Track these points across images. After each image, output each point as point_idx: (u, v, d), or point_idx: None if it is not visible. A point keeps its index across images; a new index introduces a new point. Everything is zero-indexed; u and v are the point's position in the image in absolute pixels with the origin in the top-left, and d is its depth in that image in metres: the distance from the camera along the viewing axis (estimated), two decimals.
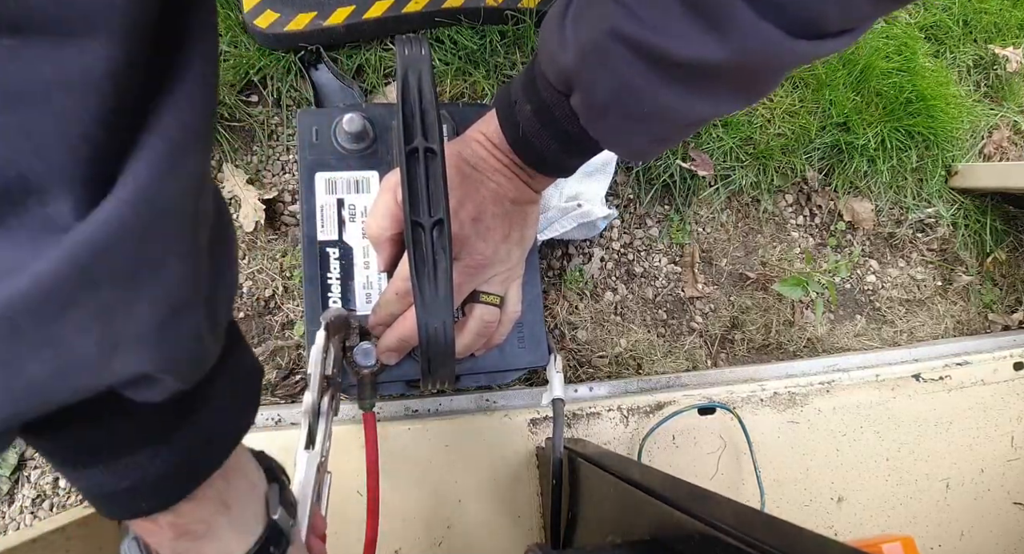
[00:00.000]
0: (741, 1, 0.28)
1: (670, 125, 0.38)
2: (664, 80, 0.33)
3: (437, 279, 0.39)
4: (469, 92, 0.68)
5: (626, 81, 0.34)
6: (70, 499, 0.59)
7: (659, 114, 0.36)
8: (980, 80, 0.90)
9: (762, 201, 0.76)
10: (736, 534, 0.26)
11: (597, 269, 0.70)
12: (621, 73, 0.34)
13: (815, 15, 0.29)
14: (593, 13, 0.34)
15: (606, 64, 0.34)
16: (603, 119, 0.39)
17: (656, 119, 0.36)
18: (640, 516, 0.35)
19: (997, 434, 0.70)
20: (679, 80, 0.33)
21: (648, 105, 0.35)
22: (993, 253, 0.83)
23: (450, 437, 0.57)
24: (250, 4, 0.61)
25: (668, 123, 0.37)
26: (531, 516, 0.57)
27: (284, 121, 0.66)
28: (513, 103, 0.43)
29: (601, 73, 0.35)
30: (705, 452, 0.61)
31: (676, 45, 0.31)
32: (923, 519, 0.67)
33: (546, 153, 0.44)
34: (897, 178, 0.80)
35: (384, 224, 0.46)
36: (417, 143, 0.39)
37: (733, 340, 0.73)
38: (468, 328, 0.48)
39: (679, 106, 0.35)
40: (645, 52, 0.32)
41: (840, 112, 0.77)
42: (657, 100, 0.35)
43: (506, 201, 0.47)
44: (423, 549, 0.55)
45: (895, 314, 0.79)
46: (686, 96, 0.34)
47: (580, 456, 0.47)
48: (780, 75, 0.35)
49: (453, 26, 0.66)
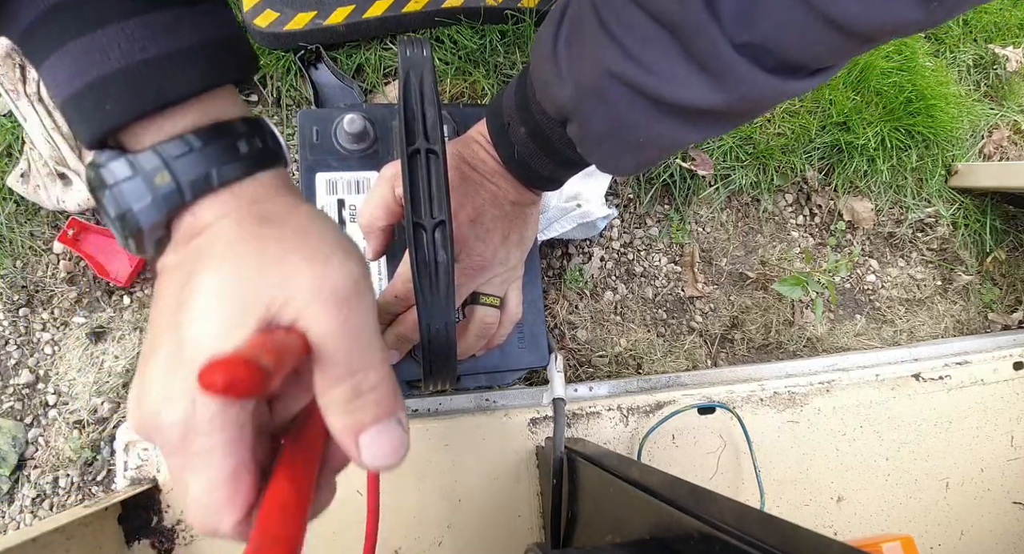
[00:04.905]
0: (733, 51, 0.29)
1: (662, 150, 0.39)
2: (661, 116, 0.34)
3: (439, 280, 0.39)
4: (469, 92, 0.68)
5: (624, 116, 0.35)
6: (70, 499, 0.59)
7: (653, 142, 0.37)
8: (980, 80, 0.90)
9: (762, 201, 0.76)
10: (736, 534, 0.26)
11: (597, 269, 0.70)
12: (619, 109, 0.35)
13: (805, 58, 0.30)
14: (587, 48, 0.34)
15: (604, 101, 0.35)
16: (599, 147, 0.39)
17: (650, 146, 0.37)
18: (640, 515, 0.35)
19: (997, 434, 0.70)
20: (675, 116, 0.34)
21: (643, 135, 0.36)
22: (993, 253, 0.83)
23: (450, 437, 0.57)
24: (249, 3, 0.61)
25: (661, 148, 0.38)
26: (531, 516, 0.58)
27: (284, 121, 0.66)
28: (506, 125, 0.44)
29: (599, 108, 0.35)
30: (705, 452, 0.61)
31: (674, 89, 0.32)
32: (923, 519, 0.67)
33: (542, 171, 0.45)
34: (897, 178, 0.80)
35: (377, 214, 0.46)
36: (419, 144, 0.39)
37: (733, 340, 0.73)
38: (468, 330, 0.49)
39: (673, 136, 0.36)
40: (643, 92, 0.33)
41: (840, 112, 0.77)
42: (652, 131, 0.35)
43: (506, 203, 0.47)
44: (423, 549, 0.55)
45: (895, 314, 0.79)
46: (681, 128, 0.35)
47: (580, 456, 0.47)
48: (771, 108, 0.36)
49: (453, 26, 0.66)
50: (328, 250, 0.25)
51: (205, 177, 0.25)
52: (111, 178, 0.24)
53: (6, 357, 0.61)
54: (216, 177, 0.25)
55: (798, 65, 0.30)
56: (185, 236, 0.25)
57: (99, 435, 0.60)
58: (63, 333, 0.62)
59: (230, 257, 0.24)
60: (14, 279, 0.61)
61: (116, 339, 0.62)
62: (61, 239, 0.60)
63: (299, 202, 0.27)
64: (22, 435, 0.60)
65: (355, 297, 0.24)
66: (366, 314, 0.25)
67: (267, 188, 0.27)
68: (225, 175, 0.25)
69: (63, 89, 0.24)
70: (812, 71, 0.31)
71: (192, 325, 0.23)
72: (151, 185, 0.24)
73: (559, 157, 0.43)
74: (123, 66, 0.23)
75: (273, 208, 0.26)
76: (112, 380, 0.61)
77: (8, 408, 0.60)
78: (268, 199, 0.26)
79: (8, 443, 0.59)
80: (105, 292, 0.63)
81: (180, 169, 0.24)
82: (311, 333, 0.23)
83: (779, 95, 0.32)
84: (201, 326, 0.23)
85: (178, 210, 0.25)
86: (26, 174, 0.60)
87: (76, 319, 0.62)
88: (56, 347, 0.62)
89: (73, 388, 0.61)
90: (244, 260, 0.24)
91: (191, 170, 0.24)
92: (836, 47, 0.29)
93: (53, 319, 0.62)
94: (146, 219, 0.24)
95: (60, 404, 0.61)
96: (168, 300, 0.24)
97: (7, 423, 0.59)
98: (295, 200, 0.27)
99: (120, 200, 0.24)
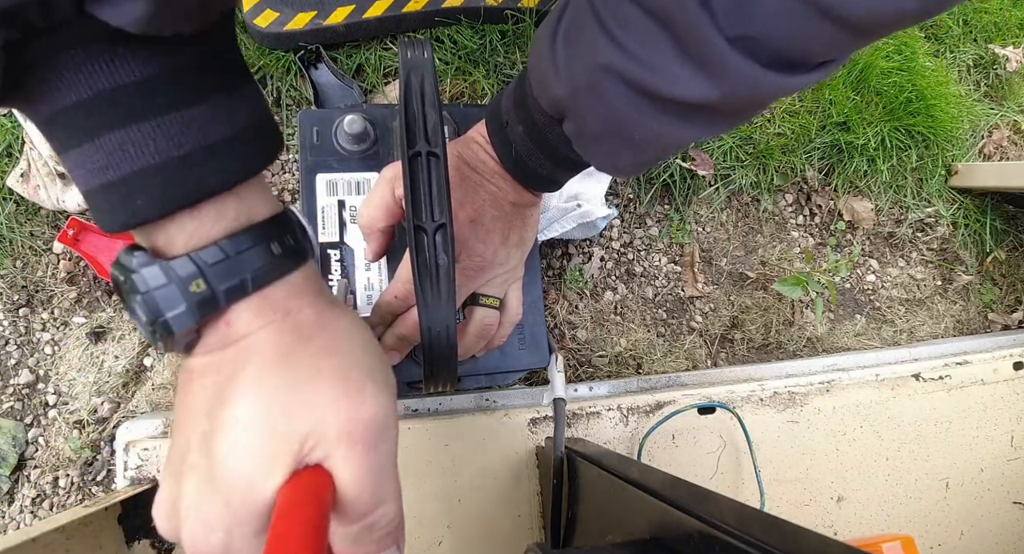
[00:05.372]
0: (727, 45, 0.28)
1: (660, 148, 0.38)
2: (655, 112, 0.34)
3: (439, 282, 0.39)
4: (469, 92, 0.68)
5: (618, 112, 0.35)
6: (70, 499, 0.59)
7: (650, 140, 0.36)
8: (980, 79, 0.90)
9: (762, 201, 0.76)
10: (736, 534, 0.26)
11: (597, 269, 0.70)
12: (613, 105, 0.34)
13: (800, 52, 0.30)
14: (584, 44, 0.34)
15: (599, 96, 0.35)
16: (595, 145, 0.39)
17: (647, 144, 0.37)
18: (640, 516, 0.35)
19: (997, 434, 0.70)
20: (670, 112, 0.34)
21: (639, 133, 0.36)
22: (993, 253, 0.83)
23: (450, 437, 0.57)
24: (249, 3, 0.61)
25: (658, 146, 0.38)
26: (531, 516, 0.58)
27: (284, 121, 0.66)
28: (504, 124, 0.44)
29: (594, 104, 0.35)
30: (705, 452, 0.61)
31: (668, 84, 0.31)
32: (923, 519, 0.67)
33: (540, 171, 0.44)
34: (897, 178, 0.80)
35: (377, 215, 0.46)
36: (420, 147, 0.39)
37: (733, 340, 0.73)
38: (468, 331, 0.49)
39: (670, 133, 0.35)
40: (637, 87, 0.33)
41: (840, 112, 0.77)
42: (648, 128, 0.35)
43: (506, 204, 0.47)
44: (423, 549, 0.55)
45: (895, 313, 0.79)
46: (677, 125, 0.34)
47: (580, 455, 0.47)
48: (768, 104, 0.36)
49: (453, 25, 0.66)
50: (360, 381, 0.25)
51: (240, 285, 0.25)
52: (143, 285, 0.24)
53: (6, 357, 0.61)
54: (251, 284, 0.25)
55: (794, 59, 0.30)
56: (217, 341, 0.25)
57: (99, 435, 0.60)
58: (63, 333, 0.62)
59: (264, 385, 0.24)
60: (14, 279, 0.61)
61: (116, 339, 0.62)
62: (61, 239, 0.60)
63: (328, 307, 0.27)
64: (22, 435, 0.60)
65: (382, 435, 0.25)
66: (389, 450, 0.26)
67: (298, 290, 0.27)
68: (260, 281, 0.25)
69: (91, 179, 0.23)
70: (809, 67, 0.31)
71: (227, 457, 0.23)
72: (186, 293, 0.24)
73: (557, 156, 0.43)
74: (158, 162, 0.23)
75: (304, 320, 0.26)
76: (112, 380, 0.61)
77: (8, 408, 0.60)
78: (299, 308, 0.26)
79: (8, 443, 0.59)
80: (105, 292, 0.63)
81: (215, 277, 0.24)
82: (336, 476, 0.24)
83: (776, 91, 0.31)
84: (236, 460, 0.23)
85: (211, 315, 0.25)
86: (26, 174, 0.60)
87: (76, 319, 0.62)
88: (56, 347, 0.62)
89: (73, 388, 0.61)
90: (277, 393, 0.24)
91: (226, 278, 0.24)
92: (831, 40, 0.29)
93: (53, 319, 0.62)
94: (179, 326, 0.24)
95: (60, 404, 0.61)
96: (198, 406, 0.25)
97: (7, 423, 0.59)
98: (325, 305, 0.27)
99: (152, 307, 0.24)
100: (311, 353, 0.25)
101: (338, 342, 0.26)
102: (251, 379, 0.24)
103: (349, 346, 0.26)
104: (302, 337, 0.25)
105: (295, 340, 0.25)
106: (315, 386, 0.24)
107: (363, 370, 0.26)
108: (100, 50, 0.22)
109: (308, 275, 0.27)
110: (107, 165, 0.23)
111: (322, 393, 0.24)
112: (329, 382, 0.24)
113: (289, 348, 0.25)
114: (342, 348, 0.26)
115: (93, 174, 0.23)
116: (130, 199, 0.23)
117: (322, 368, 0.25)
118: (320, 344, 0.26)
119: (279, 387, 0.24)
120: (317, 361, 0.25)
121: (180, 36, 0.23)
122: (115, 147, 0.23)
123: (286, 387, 0.24)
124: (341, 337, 0.26)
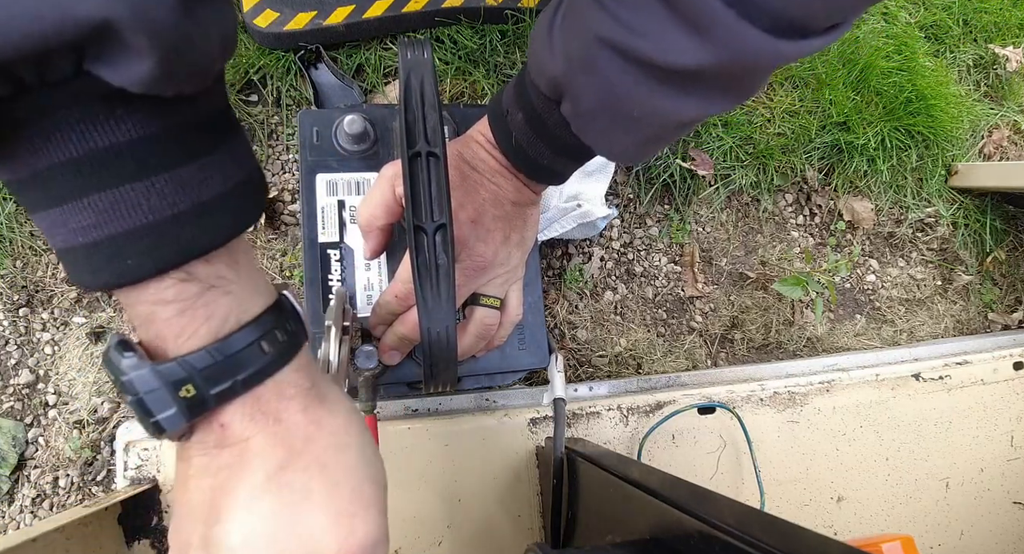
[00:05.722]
0: (721, 4, 0.28)
1: (659, 127, 0.37)
2: (651, 83, 0.33)
3: (439, 283, 0.39)
4: (469, 92, 0.68)
5: (614, 86, 0.34)
6: (70, 499, 0.59)
7: (648, 117, 0.36)
8: (980, 79, 0.90)
9: (762, 201, 0.76)
10: (736, 534, 0.26)
11: (597, 269, 0.70)
12: (608, 78, 0.34)
13: (799, 15, 0.29)
14: (579, 20, 0.34)
15: (594, 70, 0.34)
16: (593, 124, 0.39)
17: (645, 122, 0.36)
18: (640, 516, 0.35)
19: (997, 434, 0.70)
20: (666, 83, 0.33)
21: (637, 109, 0.35)
22: (993, 253, 0.83)
23: (450, 437, 0.57)
24: (249, 3, 0.61)
25: (657, 125, 0.37)
26: (531, 516, 0.58)
27: (284, 120, 0.66)
28: (505, 113, 0.44)
29: (589, 79, 0.35)
30: (705, 452, 0.61)
31: (661, 50, 0.31)
32: (923, 519, 0.67)
33: (540, 160, 0.44)
34: (897, 178, 0.80)
35: (376, 214, 0.46)
36: (420, 147, 0.40)
37: (733, 340, 0.73)
38: (468, 331, 0.49)
39: (667, 108, 0.35)
40: (631, 57, 0.32)
41: (840, 112, 0.77)
42: (645, 103, 0.35)
43: (506, 203, 0.47)
44: (423, 549, 0.55)
45: (895, 313, 0.79)
46: (674, 98, 0.34)
47: (580, 455, 0.47)
48: (768, 74, 0.34)
49: (453, 25, 0.66)
50: (350, 502, 0.26)
51: (231, 388, 0.25)
52: (133, 390, 0.24)
53: (6, 357, 0.61)
54: (242, 386, 0.25)
55: (794, 22, 0.29)
56: (212, 441, 0.26)
57: (99, 435, 0.60)
58: (63, 333, 0.62)
59: (255, 509, 0.25)
60: (14, 279, 0.61)
61: None
62: None
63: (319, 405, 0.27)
64: (22, 435, 0.60)
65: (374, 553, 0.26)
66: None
67: (289, 388, 0.27)
68: (250, 382, 0.25)
69: (73, 238, 0.22)
70: (812, 31, 0.30)
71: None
72: (176, 397, 0.24)
73: (556, 143, 0.42)
74: (150, 222, 0.22)
75: (294, 427, 0.26)
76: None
77: (8, 408, 0.60)
78: (289, 413, 0.26)
79: (8, 443, 0.59)
80: (105, 292, 0.63)
81: (204, 382, 0.24)
82: None
83: (774, 57, 0.30)
84: None
85: (202, 416, 0.25)
86: None
87: (76, 319, 0.62)
88: (56, 347, 0.62)
89: (73, 388, 0.61)
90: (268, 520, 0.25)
91: (217, 383, 0.24)
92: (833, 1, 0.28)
93: (53, 319, 0.62)
94: (170, 426, 0.24)
95: (60, 404, 0.61)
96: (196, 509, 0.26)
97: (7, 423, 0.59)
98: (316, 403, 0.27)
99: (144, 408, 0.24)
100: (302, 468, 0.25)
101: (327, 454, 0.26)
102: (243, 501, 0.25)
103: (337, 457, 0.26)
104: (293, 451, 0.26)
105: (286, 455, 0.25)
106: (305, 510, 0.25)
107: (353, 487, 0.26)
108: (96, 109, 0.21)
109: (300, 365, 0.27)
110: (95, 224, 0.22)
111: (313, 519, 0.25)
112: (320, 507, 0.25)
113: (280, 465, 0.25)
114: (330, 461, 0.26)
115: (76, 233, 0.22)
116: (118, 259, 0.22)
117: (312, 490, 0.25)
118: (310, 458, 0.26)
119: (269, 514, 0.24)
120: (307, 481, 0.25)
121: (180, 96, 0.22)
122: (107, 206, 0.22)
123: (276, 514, 0.25)
124: (331, 446, 0.27)
